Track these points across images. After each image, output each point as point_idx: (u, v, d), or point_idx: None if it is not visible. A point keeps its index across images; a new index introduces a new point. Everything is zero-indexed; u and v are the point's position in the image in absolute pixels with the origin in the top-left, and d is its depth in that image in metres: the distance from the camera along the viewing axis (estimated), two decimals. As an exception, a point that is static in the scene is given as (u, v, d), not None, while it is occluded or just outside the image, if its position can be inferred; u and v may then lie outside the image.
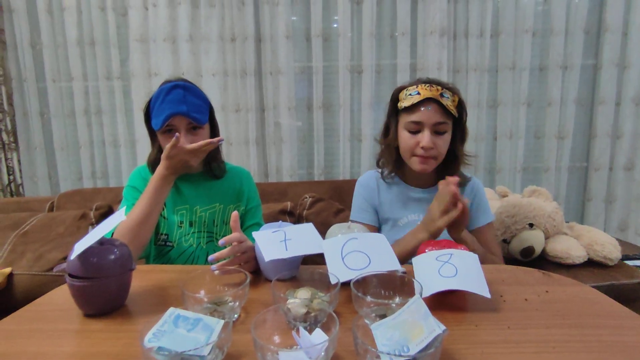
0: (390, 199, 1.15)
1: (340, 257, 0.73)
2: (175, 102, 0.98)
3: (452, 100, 1.02)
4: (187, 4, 1.99)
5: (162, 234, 1.08)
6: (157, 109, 1.00)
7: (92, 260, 0.67)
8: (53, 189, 2.21)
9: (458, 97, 1.04)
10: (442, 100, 1.00)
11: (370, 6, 2.00)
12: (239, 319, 0.66)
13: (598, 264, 1.30)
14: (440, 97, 1.00)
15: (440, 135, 1.02)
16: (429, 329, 0.49)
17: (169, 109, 0.97)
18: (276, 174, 2.16)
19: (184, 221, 1.09)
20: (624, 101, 2.08)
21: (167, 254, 1.08)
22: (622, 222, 2.19)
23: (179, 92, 0.99)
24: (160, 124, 0.98)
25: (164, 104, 0.98)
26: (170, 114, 0.97)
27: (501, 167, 2.16)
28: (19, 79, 2.08)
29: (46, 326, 0.65)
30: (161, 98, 0.99)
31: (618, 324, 0.63)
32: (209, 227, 1.11)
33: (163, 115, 0.98)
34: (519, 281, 0.79)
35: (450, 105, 1.01)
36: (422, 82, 1.04)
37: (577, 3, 2.01)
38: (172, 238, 1.08)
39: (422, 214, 1.07)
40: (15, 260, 1.44)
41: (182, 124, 1.00)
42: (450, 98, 1.02)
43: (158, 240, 1.09)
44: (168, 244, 1.08)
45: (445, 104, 1.00)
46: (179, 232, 1.08)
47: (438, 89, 1.02)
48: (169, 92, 0.99)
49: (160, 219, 1.08)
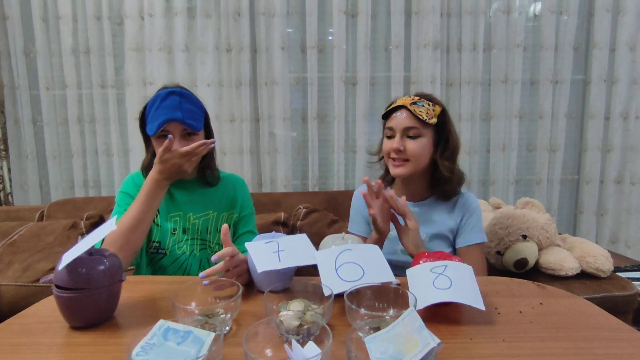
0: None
1: (334, 268, 0.73)
2: (171, 108, 0.98)
3: (432, 109, 1.05)
4: (183, 14, 2.00)
5: (154, 241, 1.07)
6: (152, 115, 0.99)
7: (81, 270, 0.66)
8: (44, 197, 2.18)
9: (441, 108, 1.07)
10: (411, 107, 1.04)
11: (365, 19, 2.03)
12: (230, 332, 0.65)
13: (590, 276, 1.31)
14: (412, 105, 1.04)
15: (413, 139, 1.05)
16: (423, 343, 0.48)
17: (164, 115, 0.97)
18: (270, 184, 2.16)
19: (177, 228, 1.08)
20: (613, 115, 2.12)
21: (159, 261, 1.07)
22: (613, 235, 2.21)
23: (174, 98, 0.99)
24: (155, 129, 0.98)
25: (159, 110, 0.98)
26: (165, 119, 0.97)
27: (494, 179, 2.18)
28: (12, 86, 2.07)
29: (31, 340, 0.63)
30: (157, 104, 0.99)
31: (612, 336, 0.63)
32: (202, 235, 1.10)
33: (158, 120, 0.97)
34: (513, 293, 0.79)
35: (423, 112, 1.03)
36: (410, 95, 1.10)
37: (566, 20, 2.06)
38: (165, 245, 1.07)
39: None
40: (1, 271, 1.41)
41: (176, 130, 0.99)
42: (426, 107, 1.05)
43: (150, 248, 1.07)
44: (160, 252, 1.07)
45: (415, 110, 1.03)
46: (172, 240, 1.07)
47: (414, 98, 1.07)
48: (164, 98, 0.99)
49: (153, 226, 1.07)
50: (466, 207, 1.11)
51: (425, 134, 1.05)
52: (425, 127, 1.05)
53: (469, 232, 1.09)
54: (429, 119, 1.03)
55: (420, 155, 1.06)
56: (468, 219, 1.10)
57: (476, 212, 1.11)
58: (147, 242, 1.07)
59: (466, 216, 1.10)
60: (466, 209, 1.11)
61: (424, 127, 1.05)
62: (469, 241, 1.09)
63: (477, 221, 1.10)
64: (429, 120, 1.03)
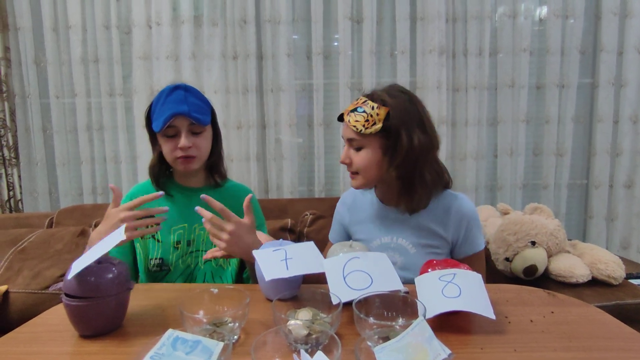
0: (364, 219, 1.09)
1: (342, 276, 0.72)
2: (177, 102, 0.96)
3: (375, 113, 0.92)
4: (190, 22, 2.02)
5: (154, 258, 1.03)
6: (158, 111, 0.98)
7: (89, 279, 0.66)
8: (53, 204, 2.20)
9: (388, 109, 0.92)
10: (348, 116, 0.95)
11: (370, 25, 2.04)
12: (238, 341, 0.65)
13: (602, 283, 1.28)
14: (350, 113, 0.95)
15: (357, 150, 0.96)
16: (434, 353, 0.48)
17: (170, 109, 0.96)
18: (276, 190, 2.16)
19: (181, 241, 1.05)
20: (622, 119, 2.10)
21: (164, 278, 1.04)
22: (624, 240, 2.17)
23: (179, 92, 0.98)
24: (162, 124, 0.96)
25: (165, 105, 0.97)
26: (171, 114, 0.95)
27: (502, 185, 2.16)
28: (22, 95, 2.10)
29: (40, 348, 0.64)
30: (162, 99, 0.98)
31: (627, 346, 0.61)
32: (208, 246, 1.07)
33: (164, 115, 0.96)
34: (524, 301, 0.78)
35: (359, 122, 0.92)
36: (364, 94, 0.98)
37: (572, 24, 2.05)
38: (169, 261, 1.04)
39: (397, 236, 1.02)
40: (11, 278, 1.42)
41: (183, 125, 0.98)
42: (367, 112, 0.92)
43: (152, 267, 1.04)
44: (164, 269, 1.04)
45: (350, 120, 0.93)
46: (175, 254, 1.04)
47: (357, 102, 0.96)
48: (169, 93, 0.98)
49: (153, 242, 1.04)
50: (462, 215, 1.00)
51: (369, 144, 0.94)
52: (365, 137, 0.93)
53: (472, 241, 1.01)
54: (365, 129, 0.91)
55: (366, 168, 0.96)
56: (469, 227, 1.00)
57: (475, 218, 1.01)
58: (146, 259, 1.04)
59: (465, 225, 1.00)
60: (463, 217, 1.00)
61: (364, 138, 0.94)
62: (472, 250, 1.01)
63: (477, 228, 1.01)
64: (366, 130, 0.91)
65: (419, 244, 1.01)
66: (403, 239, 1.02)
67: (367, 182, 1.00)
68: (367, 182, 0.99)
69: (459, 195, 1.04)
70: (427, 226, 1.01)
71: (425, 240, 1.01)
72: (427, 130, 0.96)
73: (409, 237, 1.02)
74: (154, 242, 1.05)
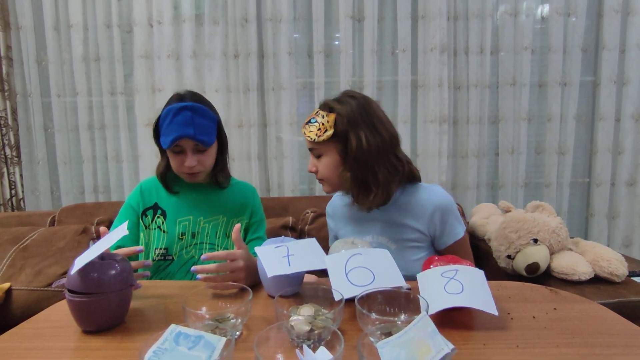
0: (345, 223, 1.13)
1: (344, 273, 0.72)
2: (183, 125, 0.99)
3: (326, 121, 0.97)
4: (191, 21, 2.02)
5: (160, 248, 1.07)
6: (165, 129, 1.01)
7: (92, 275, 0.67)
8: (55, 203, 2.21)
9: (335, 114, 0.97)
10: (304, 128, 1.01)
11: (371, 23, 2.03)
12: (241, 337, 0.65)
13: (604, 281, 1.28)
14: (305, 125, 1.01)
15: (318, 159, 1.02)
16: (436, 348, 0.48)
17: (176, 132, 0.98)
18: (278, 189, 2.16)
19: (185, 233, 1.09)
20: (624, 117, 2.09)
21: (166, 268, 1.07)
22: (627, 238, 2.17)
23: (186, 114, 0.99)
24: (169, 144, 1.00)
25: (171, 125, 0.99)
26: (177, 136, 0.99)
27: (503, 183, 2.16)
28: (24, 94, 2.10)
29: (43, 344, 0.64)
30: (169, 119, 1.00)
31: (630, 342, 0.61)
32: (212, 239, 1.10)
33: (171, 136, 0.99)
34: (526, 298, 0.78)
35: (312, 132, 0.98)
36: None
37: (574, 22, 2.04)
38: (172, 251, 1.07)
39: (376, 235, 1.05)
40: (14, 275, 1.42)
41: (189, 145, 1.02)
42: (319, 121, 0.98)
43: (156, 256, 1.07)
44: (167, 258, 1.07)
45: (305, 131, 1.00)
46: (179, 245, 1.08)
47: (312, 114, 1.02)
48: (177, 113, 0.99)
49: (159, 232, 1.08)
50: (435, 206, 1.01)
51: (327, 151, 1.00)
52: (321, 144, 0.99)
53: (450, 230, 1.02)
54: (318, 137, 0.97)
55: (329, 174, 1.01)
56: (444, 218, 1.01)
57: (448, 207, 1.02)
58: (151, 249, 1.08)
59: (439, 216, 1.01)
60: (436, 208, 1.00)
61: (321, 145, 0.99)
62: (453, 238, 1.02)
63: (454, 217, 1.02)
64: (319, 138, 0.97)
65: (397, 240, 1.03)
66: (382, 237, 1.05)
67: (334, 187, 1.04)
68: (333, 187, 1.04)
69: (431, 188, 1.05)
70: (402, 222, 1.03)
71: (403, 236, 1.03)
72: (379, 129, 0.98)
73: (386, 234, 1.04)
74: (159, 233, 1.08)
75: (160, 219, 1.09)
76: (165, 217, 1.09)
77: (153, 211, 1.10)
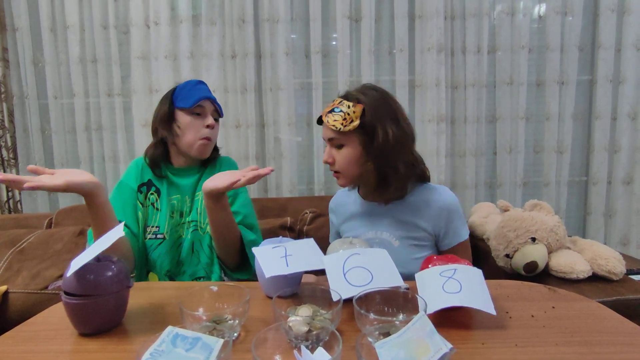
0: (349, 217, 1.12)
1: (342, 273, 0.72)
2: (205, 91, 1.14)
3: (352, 111, 0.96)
4: (188, 22, 2.02)
5: (152, 226, 1.10)
6: (186, 94, 1.11)
7: (89, 277, 0.66)
8: (52, 205, 2.20)
9: (363, 106, 0.96)
10: (326, 117, 0.99)
11: (368, 23, 2.03)
12: (238, 338, 0.64)
13: (602, 279, 1.28)
14: (328, 114, 0.99)
15: (338, 149, 1.00)
16: (435, 348, 0.48)
17: (201, 93, 1.11)
18: (276, 189, 2.16)
19: (175, 211, 1.12)
20: (620, 116, 2.10)
21: (157, 248, 1.08)
22: (624, 237, 2.17)
23: (204, 86, 1.16)
24: (193, 102, 1.09)
25: (193, 90, 1.11)
26: (202, 96, 1.11)
27: (501, 182, 2.16)
28: (21, 96, 2.09)
29: (40, 347, 0.63)
30: (190, 87, 1.12)
31: (629, 340, 0.61)
32: (194, 216, 1.13)
33: (196, 96, 1.10)
34: (525, 297, 0.78)
35: (337, 121, 0.96)
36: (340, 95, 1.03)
37: (571, 21, 2.05)
38: (164, 229, 1.09)
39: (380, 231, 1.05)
40: (10, 278, 1.41)
41: (209, 109, 1.13)
42: (344, 111, 0.96)
43: (149, 234, 1.09)
44: (159, 237, 1.09)
45: (329, 121, 0.97)
46: (170, 223, 1.10)
47: (334, 103, 1.00)
48: (197, 83, 1.14)
49: (152, 210, 1.11)
50: (442, 207, 1.02)
51: (349, 142, 0.98)
52: (345, 134, 0.98)
53: (454, 232, 1.03)
54: (344, 127, 0.96)
55: (348, 166, 1.00)
56: (450, 219, 1.02)
57: (455, 209, 1.03)
58: (144, 227, 1.10)
59: (445, 216, 1.02)
60: (442, 209, 1.02)
61: (344, 135, 0.98)
62: (456, 240, 1.03)
63: (459, 219, 1.04)
64: (345, 128, 0.96)
65: (402, 237, 1.04)
66: (386, 233, 1.05)
67: (351, 180, 1.03)
68: (350, 179, 1.03)
69: (439, 188, 1.06)
70: (408, 219, 1.04)
71: (407, 233, 1.03)
72: (401, 124, 0.99)
73: (391, 230, 1.04)
74: (153, 210, 1.11)
75: (154, 195, 1.12)
76: (159, 194, 1.12)
77: (147, 188, 1.13)
